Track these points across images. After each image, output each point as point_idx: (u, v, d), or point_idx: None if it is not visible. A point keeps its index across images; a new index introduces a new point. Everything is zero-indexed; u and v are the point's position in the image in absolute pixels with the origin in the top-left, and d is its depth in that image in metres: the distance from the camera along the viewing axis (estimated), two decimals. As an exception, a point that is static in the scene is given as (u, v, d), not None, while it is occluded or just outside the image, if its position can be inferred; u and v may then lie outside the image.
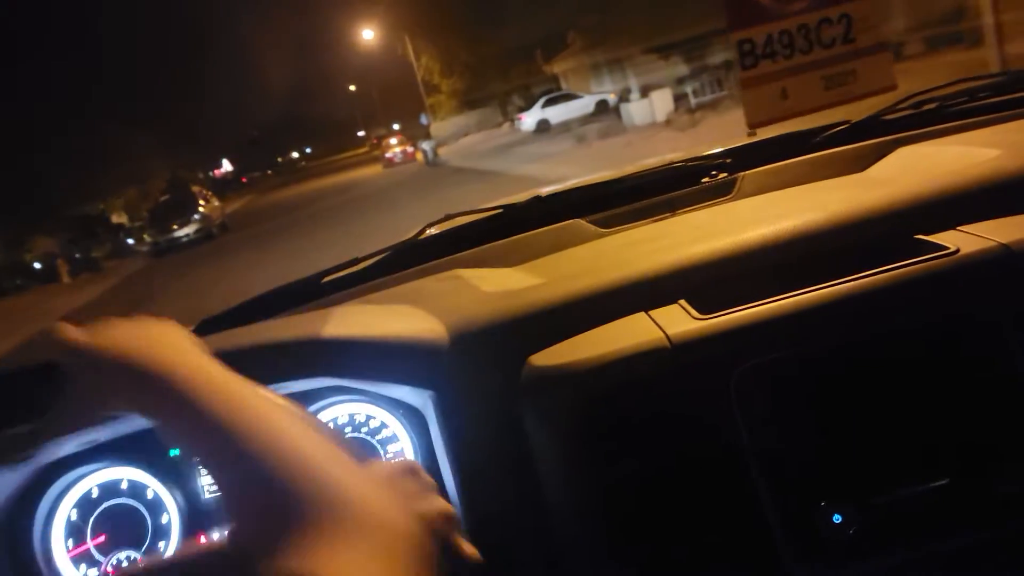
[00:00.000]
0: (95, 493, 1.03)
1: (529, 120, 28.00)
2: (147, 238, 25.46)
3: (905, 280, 0.87)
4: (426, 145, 28.64)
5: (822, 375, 0.86)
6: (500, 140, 28.02)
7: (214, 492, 1.02)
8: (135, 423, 0.92)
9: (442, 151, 29.16)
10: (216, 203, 27.50)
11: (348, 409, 1.02)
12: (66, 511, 1.03)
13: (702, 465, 0.85)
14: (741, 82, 1.01)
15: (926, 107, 1.32)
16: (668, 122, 16.61)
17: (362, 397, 1.01)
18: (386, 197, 19.13)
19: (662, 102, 18.60)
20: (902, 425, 0.85)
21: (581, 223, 1.39)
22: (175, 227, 24.28)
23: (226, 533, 0.53)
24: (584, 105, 27.39)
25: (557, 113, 27.36)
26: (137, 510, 1.04)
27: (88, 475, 1.03)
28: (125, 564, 1.03)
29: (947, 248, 0.89)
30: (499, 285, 1.12)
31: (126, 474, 1.03)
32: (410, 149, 33.60)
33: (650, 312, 0.94)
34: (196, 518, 1.01)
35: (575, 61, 30.14)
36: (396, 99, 49.77)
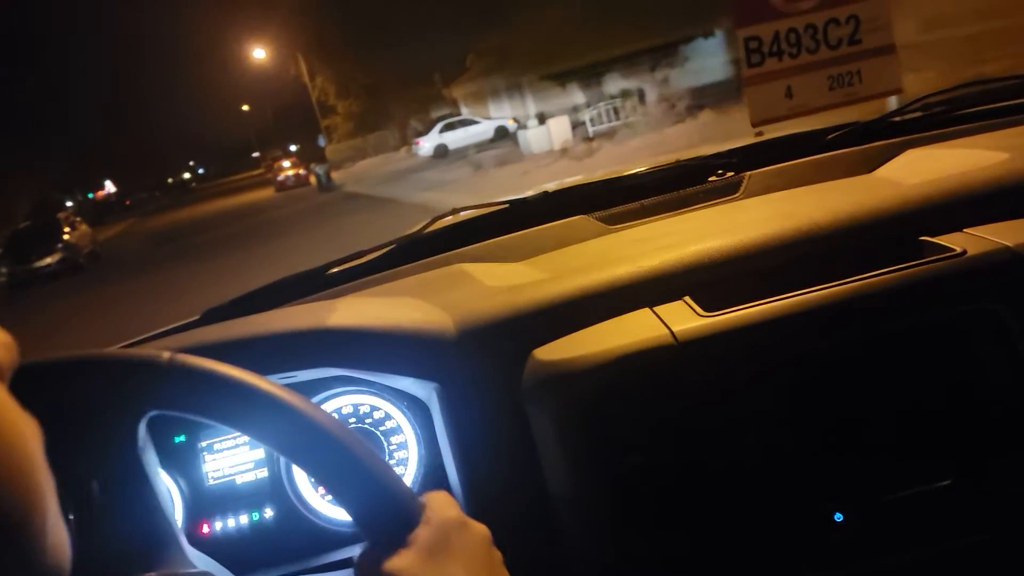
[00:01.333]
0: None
1: (427, 145, 27.62)
2: (3, 269, 23.30)
3: (911, 280, 0.87)
4: (319, 169, 27.96)
5: (825, 374, 0.86)
6: (397, 165, 27.67)
7: (218, 479, 1.02)
8: None
9: (337, 175, 28.67)
10: (85, 229, 25.30)
11: (352, 400, 1.02)
12: None
13: (705, 461, 0.85)
14: (746, 79, 1.01)
15: (935, 110, 1.36)
16: (565, 151, 16.51)
17: (366, 388, 1.01)
18: (271, 226, 18.38)
19: (560, 130, 18.49)
20: (906, 425, 0.86)
21: (587, 219, 1.38)
22: (35, 257, 21.87)
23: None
24: (483, 131, 27.21)
25: (456, 138, 27.26)
26: None
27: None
28: None
29: (953, 250, 0.89)
30: (504, 279, 1.11)
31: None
32: (303, 172, 33.05)
33: (655, 308, 0.94)
34: (199, 505, 1.01)
35: (474, 85, 29.83)
36: (292, 120, 48.47)
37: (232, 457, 1.02)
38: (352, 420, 1.02)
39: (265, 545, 1.00)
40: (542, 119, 20.20)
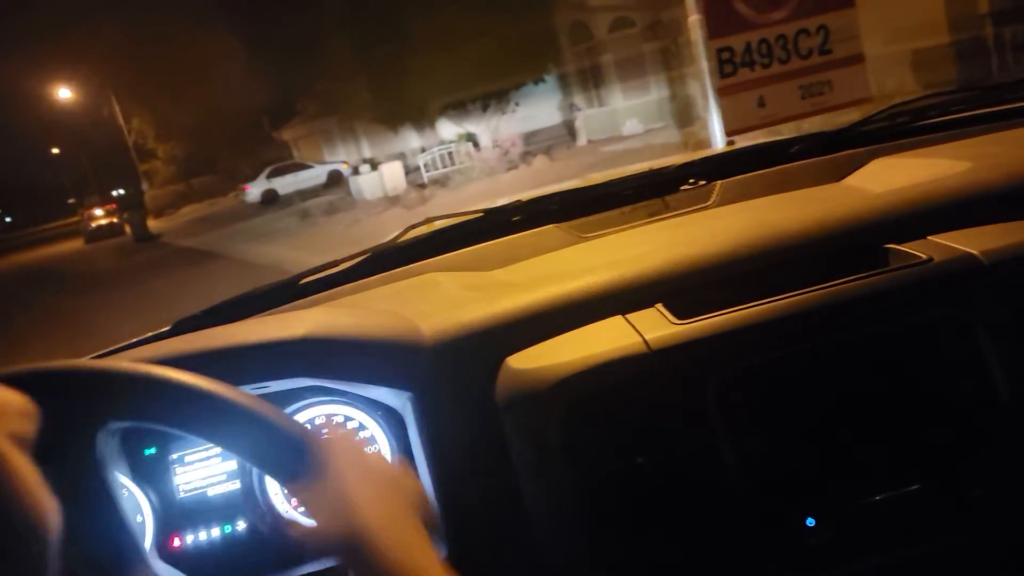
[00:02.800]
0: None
1: (255, 191, 26.68)
2: None
3: (878, 287, 0.89)
4: (133, 216, 26.06)
5: (796, 381, 0.87)
6: (221, 211, 26.54)
7: (189, 491, 1.01)
8: None
9: (157, 223, 27.34)
10: None
11: (326, 410, 1.01)
12: None
13: (678, 468, 0.85)
14: (719, 90, 1.01)
15: (901, 120, 1.39)
16: (397, 198, 16.07)
17: (340, 398, 1.00)
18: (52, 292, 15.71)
19: (393, 175, 18.02)
20: (875, 431, 0.87)
21: (561, 228, 1.39)
22: None
23: None
24: (315, 175, 26.60)
25: (285, 183, 26.27)
26: None
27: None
28: None
29: (919, 257, 0.91)
30: (478, 288, 1.11)
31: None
32: (116, 220, 30.92)
33: (628, 316, 0.94)
34: (170, 518, 1.00)
35: (305, 128, 28.92)
36: (110, 164, 45.38)
37: (204, 469, 1.01)
38: (326, 431, 1.01)
39: (237, 558, 0.99)
40: (375, 164, 19.65)
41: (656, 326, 0.90)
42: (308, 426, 0.98)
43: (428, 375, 0.93)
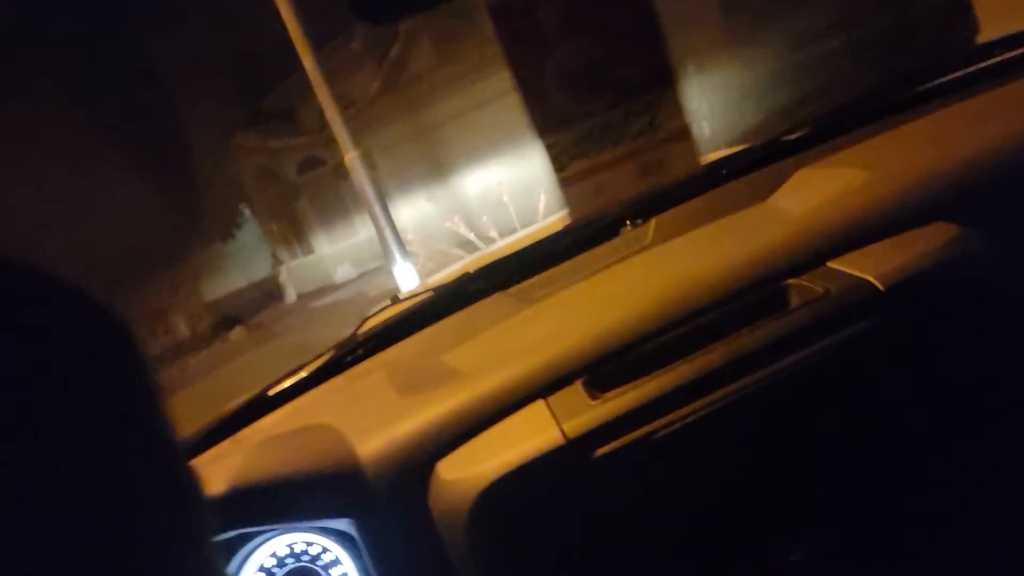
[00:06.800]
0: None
1: None
2: None
3: (777, 331, 0.91)
4: None
5: (718, 436, 0.89)
6: None
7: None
8: None
9: None
10: None
11: (286, 540, 1.03)
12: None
13: (620, 556, 0.88)
14: (560, 182, 1.03)
15: (821, 124, 1.38)
16: None
17: (296, 527, 1.02)
18: None
19: None
20: (801, 473, 0.89)
21: (509, 294, 1.43)
22: None
23: None
24: None
25: None
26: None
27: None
28: None
29: (816, 292, 0.93)
30: (414, 389, 1.14)
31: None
32: None
33: (549, 399, 0.97)
34: None
35: None
36: None
37: None
38: (290, 561, 1.03)
39: None
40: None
41: (573, 409, 0.92)
42: (265, 572, 1.02)
43: (366, 497, 0.96)
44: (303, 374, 1.38)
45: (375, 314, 1.51)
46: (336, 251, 17.03)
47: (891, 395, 0.88)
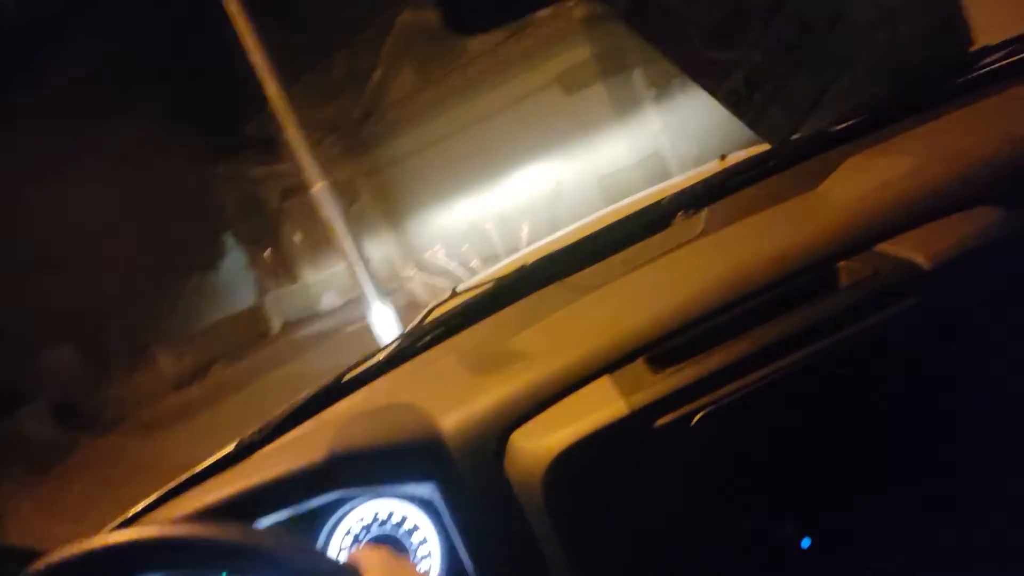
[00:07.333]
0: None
1: None
2: None
3: (828, 309, 0.96)
4: None
5: (772, 410, 0.94)
6: None
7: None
8: None
9: None
10: None
11: (372, 508, 1.11)
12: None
13: (683, 520, 0.94)
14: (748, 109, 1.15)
15: (868, 116, 1.42)
16: None
17: (382, 495, 1.10)
18: None
19: None
20: (857, 448, 0.94)
21: (565, 285, 1.49)
22: None
23: None
24: None
25: None
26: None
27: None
28: None
29: (865, 272, 0.98)
30: (486, 371, 1.22)
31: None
32: None
33: (613, 375, 1.04)
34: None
35: None
36: None
37: None
38: (375, 527, 1.11)
39: None
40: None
41: (637, 383, 0.99)
42: (352, 535, 1.10)
43: (449, 464, 1.04)
44: (376, 359, 1.46)
45: (438, 305, 1.59)
46: (320, 279, 16.64)
47: (936, 374, 0.93)
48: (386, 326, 8.34)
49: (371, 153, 14.72)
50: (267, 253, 16.93)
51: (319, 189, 8.29)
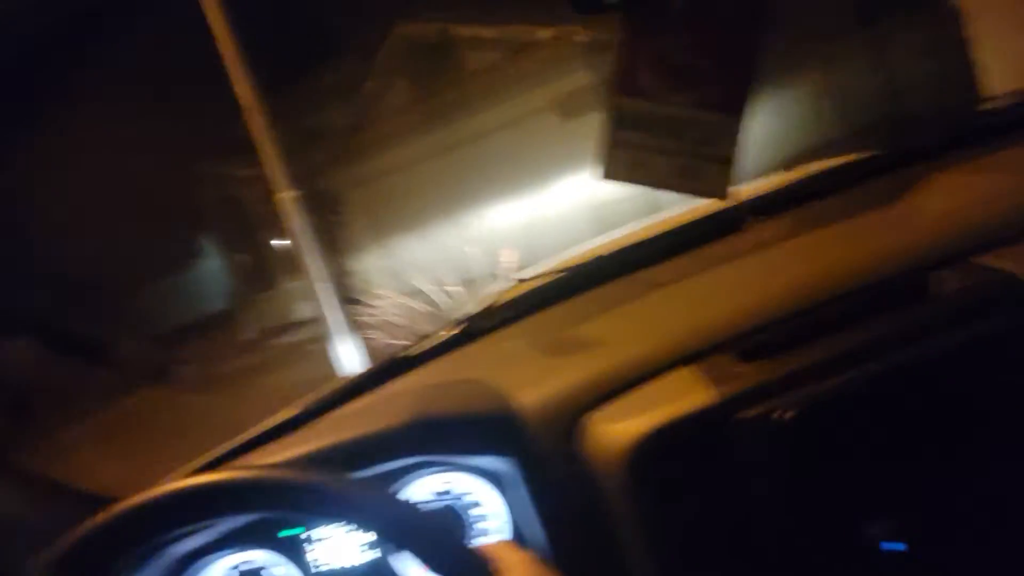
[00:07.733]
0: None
1: None
2: None
3: (917, 317, 0.95)
4: None
5: (863, 413, 0.93)
6: None
7: (319, 568, 1.14)
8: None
9: None
10: None
11: (439, 479, 1.12)
12: None
13: (759, 511, 0.93)
14: (612, 140, 1.09)
15: (953, 133, 1.43)
16: None
17: (449, 467, 1.11)
18: None
19: None
20: (939, 457, 0.92)
21: (628, 282, 1.49)
22: None
23: None
24: None
25: None
26: None
27: (217, 561, 1.15)
28: None
29: (957, 282, 0.98)
30: (558, 354, 1.23)
31: (248, 557, 1.15)
32: None
33: (696, 364, 1.03)
34: None
35: None
36: None
37: (340, 544, 1.14)
38: (443, 498, 1.12)
39: None
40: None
41: (721, 375, 0.98)
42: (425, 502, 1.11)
43: (524, 440, 1.04)
44: (443, 336, 1.45)
45: (502, 292, 1.57)
46: (298, 286, 15.37)
47: None
48: (345, 348, 7.77)
49: (359, 165, 14.58)
50: (244, 257, 16.71)
51: (283, 199, 7.76)
